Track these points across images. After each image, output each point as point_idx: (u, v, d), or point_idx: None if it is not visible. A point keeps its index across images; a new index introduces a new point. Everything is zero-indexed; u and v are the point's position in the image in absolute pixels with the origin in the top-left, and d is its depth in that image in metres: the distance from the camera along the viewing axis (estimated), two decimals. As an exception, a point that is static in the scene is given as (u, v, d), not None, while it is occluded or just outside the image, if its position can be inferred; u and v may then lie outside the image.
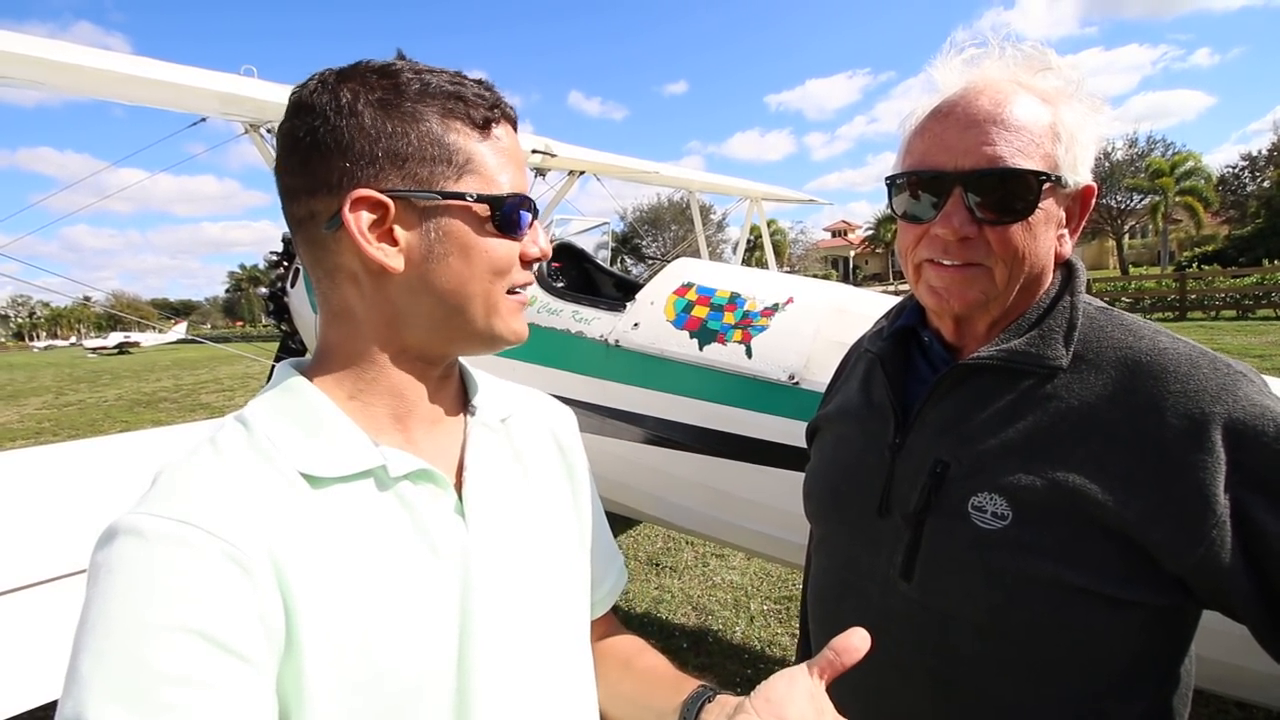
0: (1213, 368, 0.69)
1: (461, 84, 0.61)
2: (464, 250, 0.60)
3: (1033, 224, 0.73)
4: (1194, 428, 0.66)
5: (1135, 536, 0.66)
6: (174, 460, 0.56)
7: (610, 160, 4.08)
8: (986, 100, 0.72)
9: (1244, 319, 14.93)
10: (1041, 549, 0.68)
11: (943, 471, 0.75)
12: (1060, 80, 0.75)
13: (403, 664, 0.54)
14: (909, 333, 0.89)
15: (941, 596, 0.75)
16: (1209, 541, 0.64)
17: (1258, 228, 27.95)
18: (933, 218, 0.75)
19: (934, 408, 0.80)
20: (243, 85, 2.80)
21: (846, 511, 0.87)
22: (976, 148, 0.71)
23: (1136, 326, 0.75)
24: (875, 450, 0.84)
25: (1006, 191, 0.72)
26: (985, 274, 0.74)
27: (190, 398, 12.83)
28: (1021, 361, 0.74)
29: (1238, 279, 16.79)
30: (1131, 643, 0.70)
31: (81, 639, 0.46)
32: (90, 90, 2.57)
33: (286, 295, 4.60)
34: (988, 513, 0.71)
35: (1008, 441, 0.73)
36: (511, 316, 0.65)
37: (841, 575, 0.87)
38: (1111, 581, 0.67)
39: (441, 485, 0.62)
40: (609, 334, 2.45)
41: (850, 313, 2.13)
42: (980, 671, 0.73)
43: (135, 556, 0.48)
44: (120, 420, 10.57)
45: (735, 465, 2.13)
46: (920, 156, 0.76)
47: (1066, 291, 0.78)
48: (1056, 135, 0.72)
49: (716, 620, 3.31)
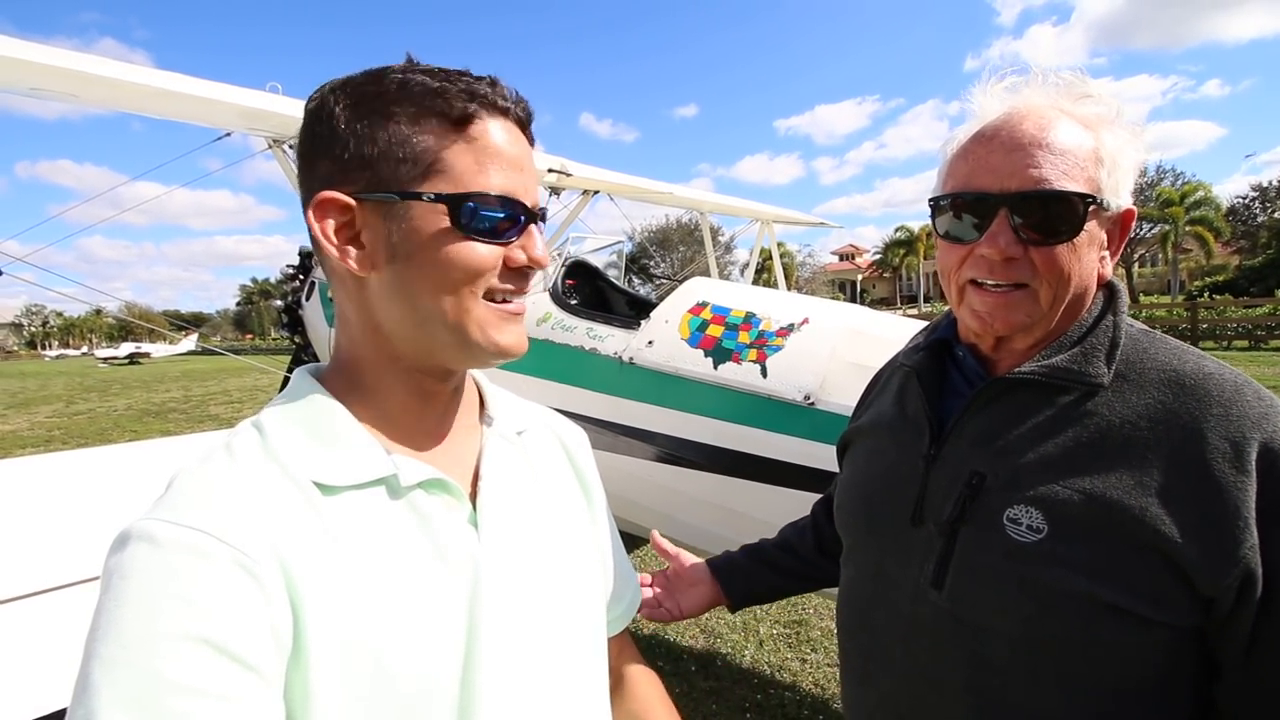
0: (1256, 396, 0.70)
1: (448, 80, 0.58)
2: (426, 254, 0.58)
3: (1077, 245, 0.73)
4: (1235, 451, 0.66)
5: (1172, 554, 0.65)
6: (188, 466, 0.56)
7: (624, 180, 4.12)
8: (1031, 125, 0.74)
9: (1256, 349, 14.81)
10: (1076, 564, 0.68)
11: (978, 483, 0.75)
12: (1101, 107, 0.76)
13: (407, 674, 0.54)
14: (943, 346, 0.90)
15: (973, 607, 0.74)
16: (1245, 562, 0.64)
17: (1269, 258, 27.85)
18: (976, 239, 0.75)
19: (971, 420, 0.80)
20: (268, 101, 2.85)
21: (878, 521, 0.87)
22: (1022, 170, 0.72)
23: (1181, 349, 0.76)
24: (909, 461, 0.84)
25: (1051, 213, 0.72)
26: (1030, 295, 0.75)
27: (199, 409, 12.88)
28: (1063, 378, 0.75)
29: (1250, 309, 16.74)
30: (1160, 661, 0.69)
31: (92, 646, 0.46)
32: (121, 104, 2.63)
33: (301, 308, 4.65)
34: (1023, 525, 0.71)
35: (1046, 456, 0.73)
36: (492, 326, 0.61)
37: (872, 584, 0.87)
38: (1143, 600, 0.66)
39: (456, 495, 0.62)
40: (623, 351, 2.46)
41: (866, 334, 2.13)
42: (1011, 683, 0.72)
43: (148, 563, 0.48)
44: (129, 430, 10.62)
45: (748, 485, 2.12)
46: (965, 178, 0.77)
47: (1109, 311, 0.79)
48: (1099, 159, 0.73)
49: (725, 643, 3.27)
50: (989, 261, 0.75)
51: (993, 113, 0.77)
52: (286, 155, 3.32)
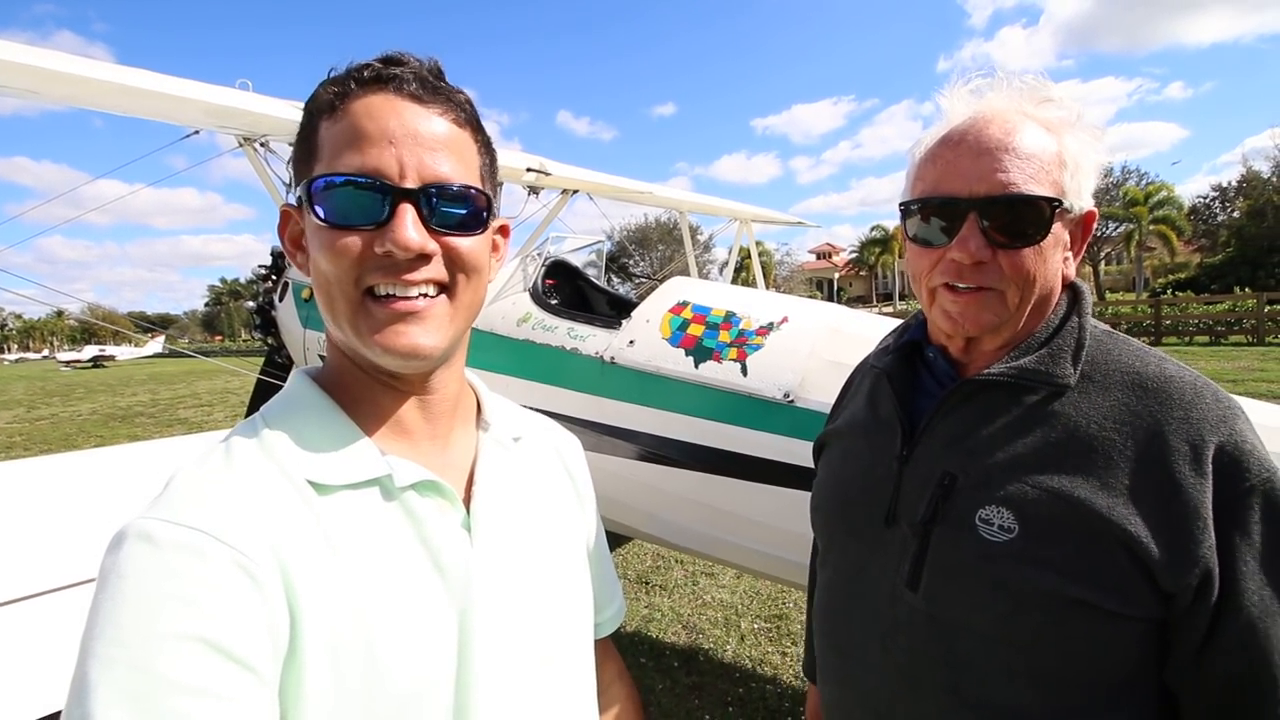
0: (1215, 398, 0.72)
1: (351, 68, 0.58)
2: (311, 251, 0.59)
3: (1043, 248, 0.75)
4: (1194, 453, 0.68)
5: (1137, 551, 0.67)
6: (186, 465, 0.56)
7: (604, 180, 4.11)
8: (996, 129, 0.75)
9: (1216, 344, 15.30)
10: (1046, 562, 0.70)
11: (950, 483, 0.77)
12: (1062, 110, 0.78)
13: (401, 675, 0.54)
14: (914, 348, 0.91)
15: (948, 606, 0.76)
16: (1204, 561, 0.66)
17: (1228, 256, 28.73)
18: (946, 243, 0.77)
19: (942, 421, 0.81)
20: (239, 99, 2.79)
21: (854, 522, 0.88)
22: (990, 174, 0.73)
23: (1143, 351, 0.78)
24: (883, 462, 0.85)
25: (1019, 217, 0.74)
26: (998, 298, 0.76)
27: (167, 413, 12.58)
28: (1031, 379, 0.76)
29: (1210, 305, 17.28)
30: (1129, 654, 0.71)
31: (89, 645, 0.45)
32: (85, 100, 2.56)
33: (274, 309, 4.55)
34: (995, 525, 0.73)
35: (1015, 456, 0.75)
36: (377, 327, 0.56)
37: (848, 586, 0.88)
38: (1112, 595, 0.68)
39: (449, 499, 0.62)
40: (604, 351, 2.45)
41: (844, 333, 2.16)
42: (986, 680, 0.74)
43: (145, 563, 0.47)
44: (95, 435, 10.33)
45: (729, 482, 2.13)
46: (934, 183, 0.78)
47: (1074, 312, 0.81)
48: (1063, 163, 0.75)
49: (707, 639, 3.29)
50: (959, 265, 0.76)
51: (959, 116, 0.79)
52: (258, 153, 3.26)
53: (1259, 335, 15.10)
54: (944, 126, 0.79)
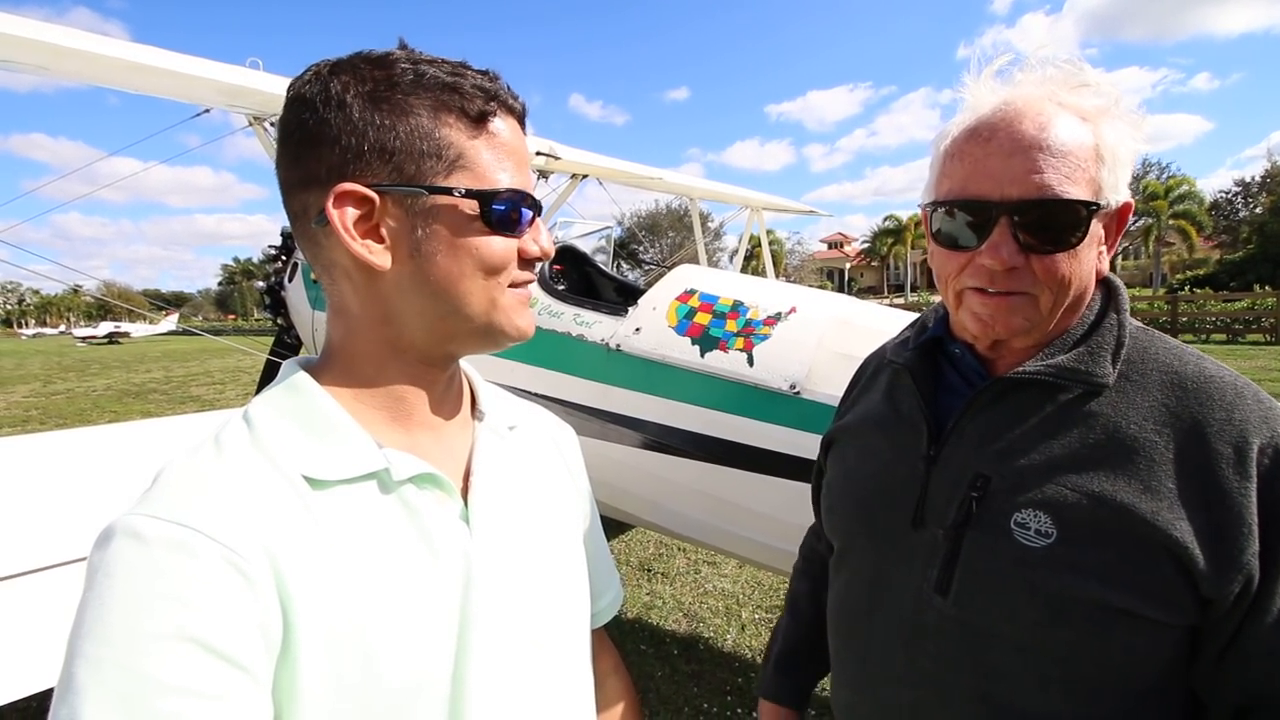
0: (1255, 399, 0.69)
1: (460, 75, 0.58)
2: (453, 247, 0.58)
3: (1079, 250, 0.71)
4: (1238, 456, 0.66)
5: (1182, 558, 0.65)
6: (175, 459, 0.55)
7: (614, 165, 4.08)
8: (1029, 123, 0.69)
9: (1234, 343, 15.09)
10: (1086, 569, 0.67)
11: (984, 486, 0.73)
12: (1099, 97, 0.72)
13: (398, 670, 0.54)
14: (936, 343, 0.87)
15: (980, 612, 0.73)
16: (1248, 568, 0.64)
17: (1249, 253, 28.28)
18: (974, 245, 0.72)
19: (973, 420, 0.78)
20: (249, 77, 2.78)
21: (875, 524, 0.84)
22: (1024, 176, 0.68)
23: (1180, 349, 0.75)
24: (907, 462, 0.82)
25: (1055, 221, 0.69)
26: (1030, 302, 0.72)
27: (180, 390, 12.73)
28: (1069, 378, 0.73)
29: (1229, 303, 17.02)
30: (1166, 662, 0.69)
31: (76, 644, 0.45)
32: (95, 77, 2.56)
33: (284, 290, 4.57)
34: (1031, 529, 0.70)
35: (1052, 458, 0.71)
36: (515, 312, 0.63)
37: (869, 589, 0.84)
38: (1156, 604, 0.66)
39: (447, 490, 0.61)
40: (610, 338, 2.44)
41: (854, 325, 2.13)
42: (1018, 688, 0.72)
43: (134, 560, 0.46)
44: (109, 410, 10.47)
45: (734, 473, 2.12)
46: (962, 183, 0.72)
47: (1111, 309, 0.77)
48: (1100, 157, 0.70)
49: (708, 627, 3.30)
50: (990, 271, 0.71)
51: (986, 105, 0.73)
52: (268, 133, 3.26)
53: (1277, 335, 14.89)
54: (970, 116, 0.73)
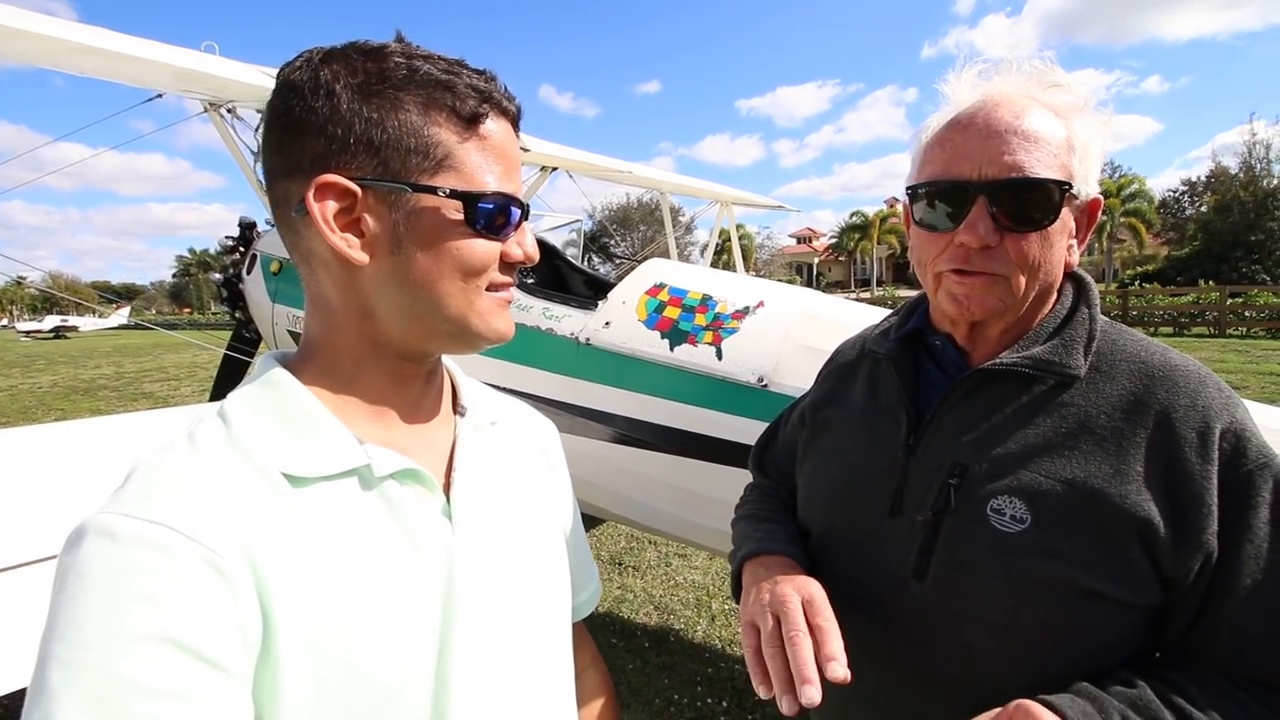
0: (1217, 387, 0.73)
1: (455, 74, 0.58)
2: (433, 246, 0.58)
3: (1050, 234, 0.75)
4: (1201, 440, 0.69)
5: (1149, 538, 0.68)
6: (147, 457, 0.53)
7: (584, 158, 4.06)
8: (1005, 112, 0.74)
9: (1180, 335, 15.73)
10: (1059, 553, 0.70)
11: (961, 473, 0.76)
12: (1070, 95, 0.77)
13: (381, 667, 0.53)
14: (917, 335, 0.90)
15: (957, 598, 0.75)
16: (1207, 546, 0.67)
17: (1194, 250, 29.49)
18: (952, 228, 0.76)
19: (951, 410, 0.80)
20: (204, 62, 2.69)
21: (854, 512, 0.86)
22: (999, 157, 0.73)
23: (1147, 342, 0.79)
24: (886, 451, 0.84)
25: (1029, 201, 0.73)
26: (1004, 283, 0.76)
27: (132, 386, 12.27)
28: (1044, 369, 0.76)
29: (1176, 297, 17.77)
30: (1133, 643, 0.72)
31: (49, 648, 0.43)
32: (43, 59, 2.44)
33: (242, 282, 4.44)
34: (1006, 515, 0.72)
35: (1027, 446, 0.75)
36: (492, 315, 0.62)
37: (847, 575, 0.86)
38: (1124, 585, 0.68)
39: (429, 486, 0.61)
40: (580, 332, 2.44)
41: (819, 318, 2.17)
42: (991, 671, 0.74)
43: (107, 561, 0.45)
44: (55, 408, 10.05)
45: (704, 465, 2.14)
46: (943, 166, 0.76)
47: (1083, 304, 0.81)
48: (1072, 147, 0.74)
49: (678, 619, 3.33)
50: (967, 250, 0.75)
51: (966, 100, 0.77)
52: (224, 120, 3.16)
53: (1221, 327, 15.54)
54: (952, 109, 0.78)
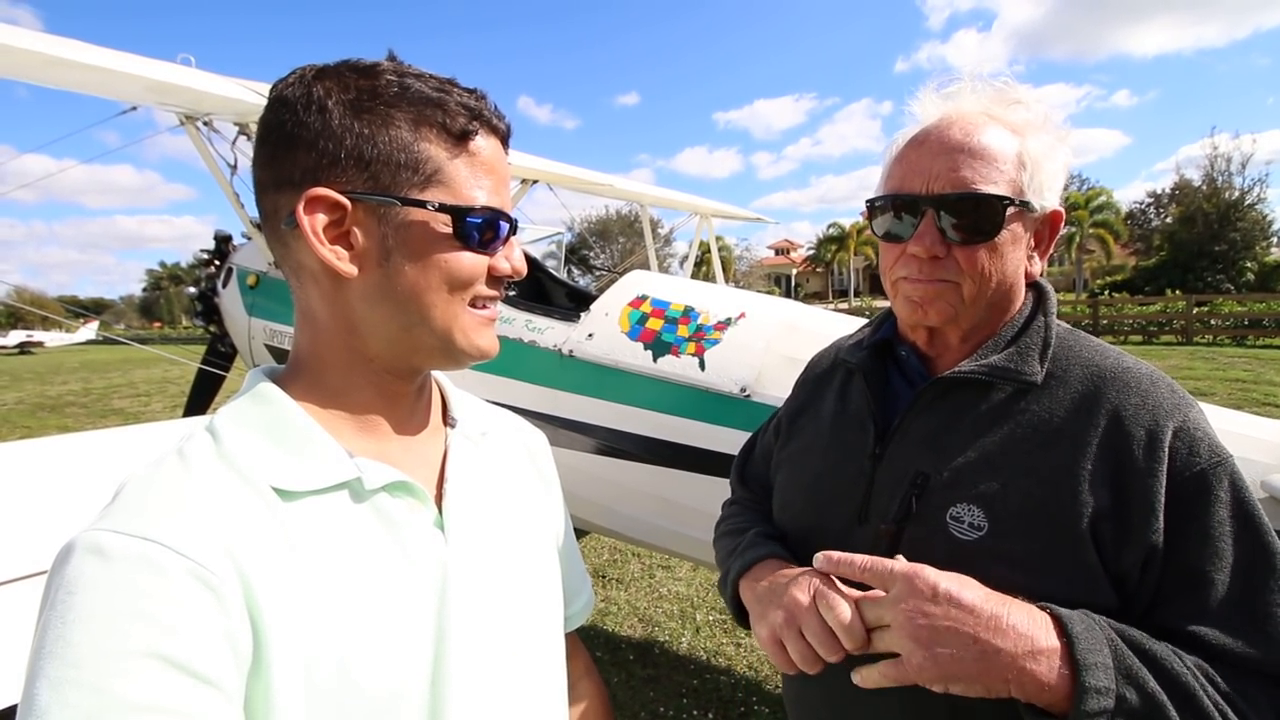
0: (1169, 388, 0.76)
1: (445, 91, 0.59)
2: (421, 259, 0.59)
3: (999, 245, 0.78)
4: (1150, 439, 0.72)
5: (1099, 535, 0.70)
6: (137, 472, 0.53)
7: (564, 170, 4.07)
8: (957, 130, 0.79)
9: (1149, 343, 16.13)
10: (1015, 559, 0.71)
11: (923, 482, 0.78)
12: (1028, 113, 0.81)
13: (376, 680, 0.53)
14: (886, 346, 0.93)
15: None
16: (1151, 543, 0.69)
17: (1161, 260, 30.28)
18: (905, 238, 0.81)
19: (915, 419, 0.83)
20: (180, 75, 2.66)
21: (824, 519, 0.88)
22: (946, 173, 0.77)
23: (1103, 347, 0.82)
24: (854, 459, 0.86)
25: (973, 214, 0.77)
26: (954, 290, 0.80)
27: (101, 403, 11.97)
28: (1001, 376, 0.79)
29: (1144, 306, 18.21)
30: None
31: (38, 665, 0.43)
32: (11, 71, 2.40)
33: (217, 296, 4.37)
34: (965, 523, 0.74)
35: (985, 454, 0.77)
36: (475, 331, 0.63)
37: None
38: (1078, 590, 0.70)
39: (420, 498, 0.61)
40: (562, 344, 2.44)
41: (800, 329, 2.19)
42: None
43: (96, 577, 0.45)
44: (21, 426, 9.76)
45: (687, 476, 2.15)
46: (899, 181, 0.82)
47: (1040, 312, 0.84)
48: (1022, 163, 0.78)
49: (663, 631, 3.32)
50: (917, 260, 0.79)
51: (930, 117, 0.82)
52: (200, 132, 3.12)
53: (1188, 335, 15.96)
54: (914, 127, 0.83)
